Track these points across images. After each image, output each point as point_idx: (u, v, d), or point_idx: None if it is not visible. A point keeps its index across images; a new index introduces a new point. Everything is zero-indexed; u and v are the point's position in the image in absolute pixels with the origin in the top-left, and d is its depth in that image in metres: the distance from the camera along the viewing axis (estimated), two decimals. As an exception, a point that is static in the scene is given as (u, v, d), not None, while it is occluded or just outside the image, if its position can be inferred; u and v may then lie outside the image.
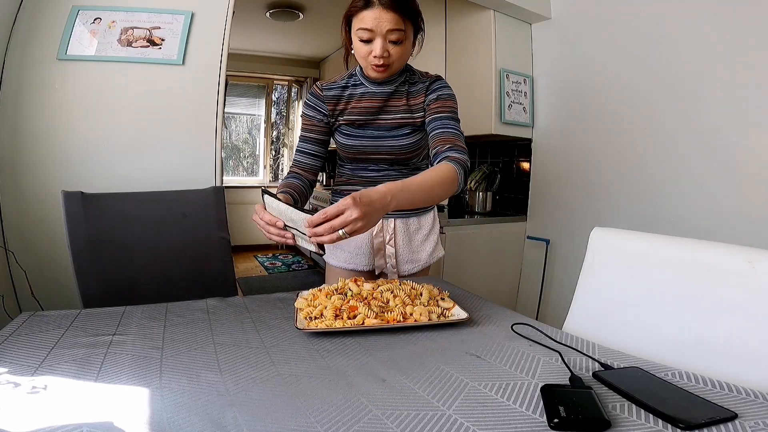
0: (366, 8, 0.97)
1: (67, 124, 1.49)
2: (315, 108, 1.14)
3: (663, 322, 0.80)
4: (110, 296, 1.13)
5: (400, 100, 1.12)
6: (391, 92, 1.12)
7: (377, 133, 1.14)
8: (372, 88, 1.12)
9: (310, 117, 1.15)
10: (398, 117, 1.12)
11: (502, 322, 0.84)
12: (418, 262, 1.23)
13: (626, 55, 1.96)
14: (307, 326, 0.77)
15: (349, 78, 1.14)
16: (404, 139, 1.13)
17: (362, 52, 1.02)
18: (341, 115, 1.14)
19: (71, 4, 1.49)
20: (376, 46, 0.99)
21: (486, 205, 2.51)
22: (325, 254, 1.22)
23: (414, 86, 1.12)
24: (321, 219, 0.76)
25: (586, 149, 2.15)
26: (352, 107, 1.13)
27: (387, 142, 1.14)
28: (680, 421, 0.48)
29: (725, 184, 1.63)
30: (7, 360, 0.62)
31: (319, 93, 1.14)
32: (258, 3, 3.35)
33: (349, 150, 1.16)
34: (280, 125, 5.38)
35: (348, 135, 1.15)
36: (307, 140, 1.15)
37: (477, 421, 0.50)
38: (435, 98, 1.09)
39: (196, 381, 0.59)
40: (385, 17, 0.96)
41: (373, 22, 0.96)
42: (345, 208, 0.75)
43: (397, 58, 1.03)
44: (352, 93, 1.13)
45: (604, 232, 0.94)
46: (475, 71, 2.34)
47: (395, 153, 1.15)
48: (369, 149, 1.15)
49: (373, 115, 1.13)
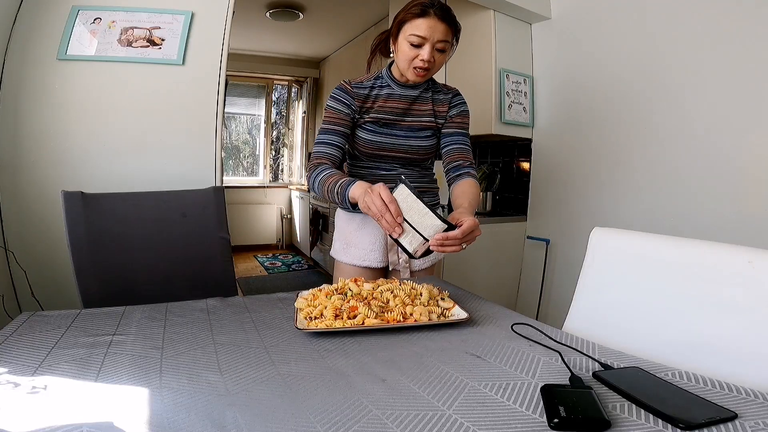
0: (422, 16, 1.05)
1: (67, 124, 1.49)
2: (344, 102, 1.17)
3: (663, 322, 0.80)
4: (110, 296, 1.13)
5: (425, 104, 1.21)
6: (416, 96, 1.20)
7: (402, 133, 1.20)
8: (398, 91, 1.19)
9: (338, 110, 1.17)
10: (424, 120, 1.21)
11: (502, 322, 0.84)
12: (429, 258, 1.27)
13: (626, 55, 1.96)
14: (307, 326, 0.77)
15: (376, 79, 1.21)
16: (426, 140, 1.22)
17: (409, 55, 1.09)
18: (367, 113, 1.19)
19: (71, 4, 1.49)
20: (424, 52, 1.07)
21: (486, 205, 2.51)
22: (336, 252, 1.29)
23: (438, 94, 1.22)
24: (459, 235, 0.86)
25: (586, 149, 2.15)
26: (379, 106, 1.18)
27: (410, 142, 1.21)
28: (680, 421, 0.48)
29: (725, 184, 1.63)
30: (7, 360, 0.62)
31: (349, 89, 1.18)
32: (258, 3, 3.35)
33: (370, 146, 1.20)
34: (280, 125, 5.39)
35: (372, 132, 1.19)
36: (332, 132, 1.16)
37: (477, 421, 0.50)
38: (457, 113, 1.22)
39: (196, 381, 0.59)
40: (439, 27, 1.05)
41: (428, 30, 1.05)
42: (475, 227, 0.89)
43: (438, 65, 1.12)
44: (378, 93, 1.19)
45: (604, 232, 0.94)
46: (475, 71, 2.35)
47: (415, 153, 1.22)
48: (391, 147, 1.20)
49: (399, 116, 1.20)
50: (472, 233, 0.89)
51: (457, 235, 0.86)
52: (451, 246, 0.87)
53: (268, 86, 5.16)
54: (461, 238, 0.87)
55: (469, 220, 0.88)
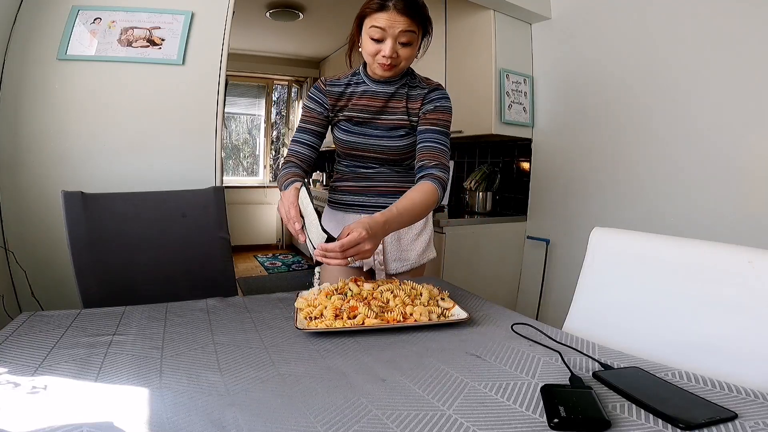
0: (381, 10, 1.01)
1: (67, 124, 1.49)
2: (316, 101, 1.17)
3: (663, 321, 0.80)
4: (110, 296, 1.13)
5: (399, 102, 1.15)
6: (392, 93, 1.14)
7: (375, 133, 1.16)
8: (373, 87, 1.15)
9: (311, 109, 1.17)
10: (396, 119, 1.15)
11: (502, 322, 0.84)
12: (407, 261, 1.24)
13: (626, 54, 1.96)
14: (307, 326, 0.77)
15: (353, 76, 1.17)
16: (400, 140, 1.16)
17: (371, 50, 1.05)
18: (341, 111, 1.17)
19: (71, 4, 1.49)
20: (386, 47, 1.03)
21: (486, 205, 2.51)
22: None
23: (413, 90, 1.15)
24: (337, 248, 0.81)
25: (586, 149, 2.15)
26: (353, 104, 1.16)
27: (383, 142, 1.16)
28: (680, 421, 0.48)
29: (725, 184, 1.63)
30: (7, 360, 0.62)
31: (322, 87, 1.17)
32: (258, 3, 3.35)
33: (345, 146, 1.19)
34: (280, 125, 5.38)
35: (346, 131, 1.17)
36: (304, 131, 1.16)
37: (477, 421, 0.50)
38: (432, 109, 1.13)
39: (196, 381, 0.59)
40: (399, 20, 1.00)
41: (387, 23, 1.00)
42: (360, 241, 0.82)
43: (405, 59, 1.07)
44: (354, 90, 1.16)
45: (604, 232, 0.94)
46: (475, 71, 2.34)
47: (389, 153, 1.18)
48: (365, 147, 1.18)
49: (373, 114, 1.16)
50: (357, 247, 0.82)
51: (335, 248, 0.81)
52: (333, 259, 0.82)
53: (268, 86, 5.15)
54: (340, 251, 0.81)
55: (354, 234, 0.82)
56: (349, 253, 0.82)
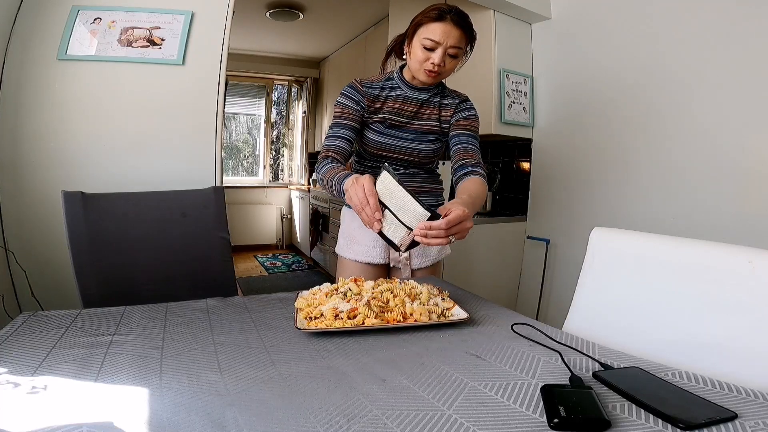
0: (438, 20, 1.06)
1: (67, 124, 1.49)
2: (353, 99, 1.19)
3: (663, 321, 0.80)
4: (110, 296, 1.13)
5: (432, 109, 1.22)
6: (425, 100, 1.21)
7: (406, 136, 1.21)
8: (408, 93, 1.20)
9: (348, 106, 1.19)
10: (428, 124, 1.21)
11: (502, 322, 0.84)
12: (429, 256, 1.28)
13: (626, 54, 1.96)
14: (307, 326, 0.77)
15: (387, 81, 1.22)
16: (429, 144, 1.22)
17: (421, 57, 1.10)
18: (376, 113, 1.20)
19: (71, 4, 1.49)
20: (436, 56, 1.08)
21: (486, 205, 2.51)
22: (340, 248, 1.30)
23: (445, 100, 1.22)
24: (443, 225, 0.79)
25: (586, 149, 2.15)
26: (388, 107, 1.20)
27: (414, 145, 1.22)
28: (680, 421, 0.48)
29: (725, 184, 1.63)
30: (7, 360, 0.62)
31: (359, 87, 1.20)
32: (258, 3, 3.35)
33: (375, 146, 1.22)
34: (280, 125, 5.39)
35: (378, 132, 1.21)
36: (342, 126, 1.17)
37: (477, 421, 0.50)
38: (465, 116, 1.22)
39: (196, 381, 0.59)
40: (453, 33, 1.06)
41: (442, 35, 1.06)
42: (464, 218, 0.81)
43: (449, 70, 1.13)
44: (389, 94, 1.21)
45: (604, 232, 0.94)
46: (475, 71, 2.34)
47: (418, 156, 1.23)
48: (395, 149, 1.22)
49: (407, 119, 1.21)
50: (461, 224, 0.81)
51: (441, 225, 0.79)
52: (436, 238, 0.80)
53: (268, 86, 5.15)
54: (446, 228, 0.79)
55: (457, 210, 0.81)
56: (453, 230, 0.81)
